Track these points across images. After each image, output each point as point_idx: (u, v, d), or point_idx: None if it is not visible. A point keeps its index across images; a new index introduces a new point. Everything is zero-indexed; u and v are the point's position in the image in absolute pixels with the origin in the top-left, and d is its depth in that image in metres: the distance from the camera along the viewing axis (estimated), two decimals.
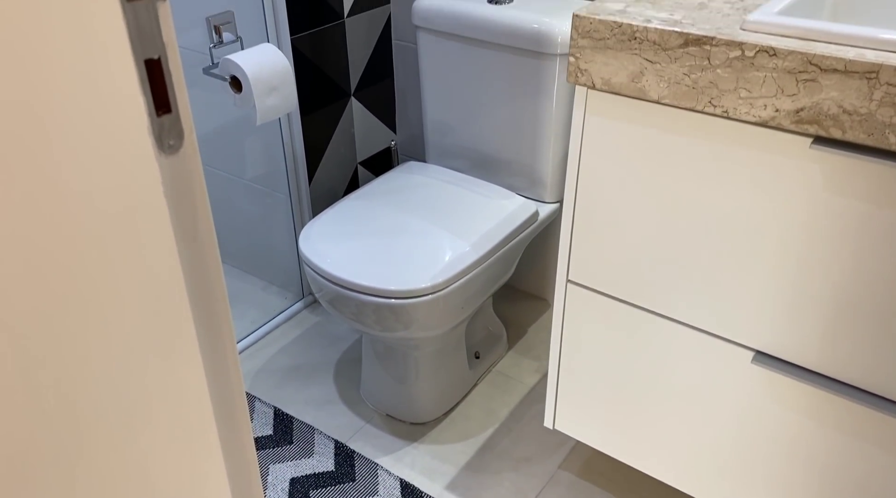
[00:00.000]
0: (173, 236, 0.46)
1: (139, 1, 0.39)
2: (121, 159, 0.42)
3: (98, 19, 0.38)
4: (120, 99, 0.40)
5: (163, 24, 0.40)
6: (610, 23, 0.92)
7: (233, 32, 1.38)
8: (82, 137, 0.40)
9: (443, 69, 1.49)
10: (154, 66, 0.41)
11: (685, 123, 0.93)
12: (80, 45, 0.38)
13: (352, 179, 1.81)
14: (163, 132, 0.43)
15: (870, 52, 0.77)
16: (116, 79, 0.40)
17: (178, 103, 0.43)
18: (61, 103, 0.38)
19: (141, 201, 0.43)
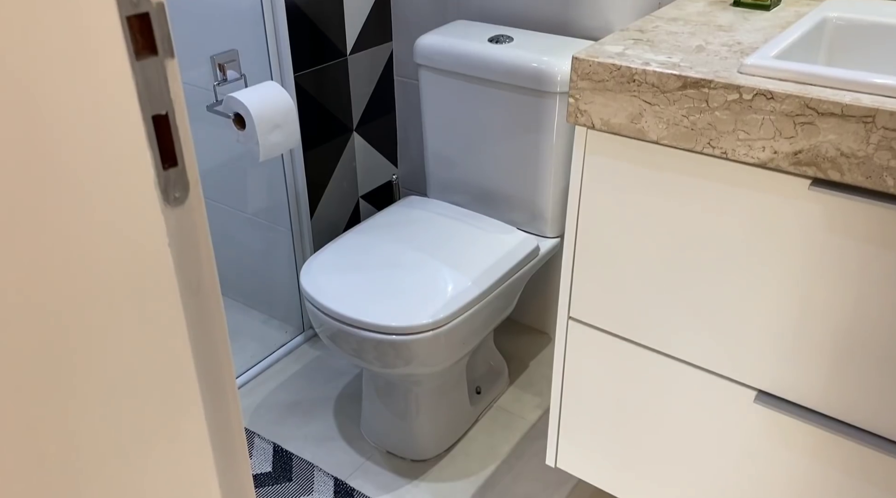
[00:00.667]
0: (177, 286, 0.46)
1: (148, 59, 0.40)
2: (126, 211, 0.42)
3: (108, 77, 0.39)
4: (127, 154, 0.41)
5: (171, 81, 0.41)
6: (609, 65, 0.93)
7: (237, 70, 1.40)
8: (89, 191, 0.40)
9: (444, 106, 1.50)
10: (161, 121, 0.42)
11: (685, 164, 0.93)
12: (90, 102, 0.38)
13: (353, 213, 1.82)
14: (168, 185, 0.43)
15: (866, 96, 0.78)
16: (124, 135, 0.40)
17: (184, 157, 0.43)
18: (69, 157, 0.39)
19: (146, 252, 0.44)
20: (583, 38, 1.45)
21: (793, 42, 0.93)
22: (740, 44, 0.97)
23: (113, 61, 0.38)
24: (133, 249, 0.43)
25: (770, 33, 1.00)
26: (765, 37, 0.99)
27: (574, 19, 1.45)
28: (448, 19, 1.62)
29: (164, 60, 0.40)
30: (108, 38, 0.38)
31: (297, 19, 1.47)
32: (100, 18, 0.37)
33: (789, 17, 1.07)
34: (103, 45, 0.38)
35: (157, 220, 0.43)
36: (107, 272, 0.43)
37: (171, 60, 0.41)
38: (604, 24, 1.41)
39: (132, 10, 0.38)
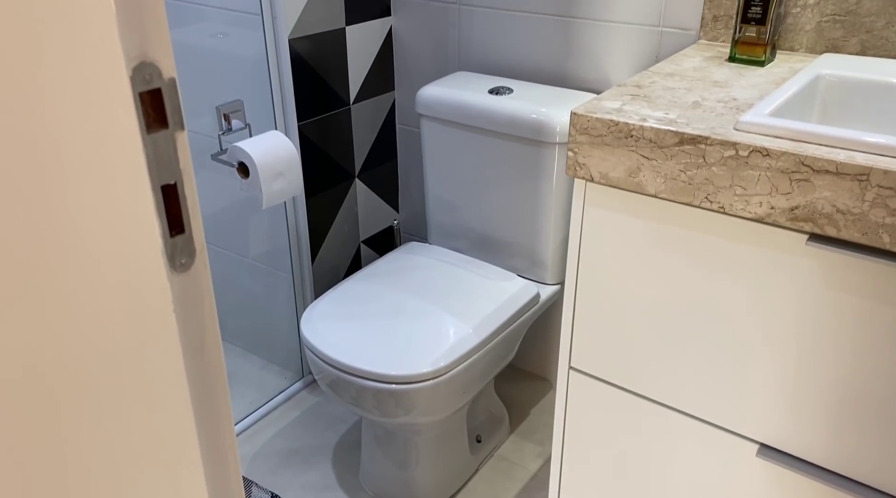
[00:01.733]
0: (180, 349, 0.47)
1: (159, 132, 0.41)
2: (133, 278, 0.43)
3: (119, 150, 0.40)
4: (136, 222, 0.42)
5: (180, 152, 0.42)
6: (607, 121, 0.95)
7: (242, 120, 1.43)
8: (96, 258, 0.41)
9: (445, 154, 1.53)
10: (170, 190, 0.43)
11: (683, 217, 0.94)
12: (101, 174, 0.39)
13: (354, 257, 1.83)
14: (175, 252, 0.44)
15: (859, 154, 0.80)
16: (133, 204, 0.41)
17: (191, 224, 0.44)
18: (79, 225, 0.39)
19: (151, 317, 0.44)
20: (581, 89, 1.48)
21: (787, 99, 0.95)
22: (736, 100, 0.99)
23: (124, 135, 0.40)
24: (138, 314, 0.44)
25: (765, 90, 1.02)
26: (760, 93, 1.01)
27: (572, 72, 1.48)
28: (449, 70, 1.65)
29: (174, 133, 0.42)
30: (120, 114, 0.39)
31: (301, 70, 1.50)
32: (113, 94, 0.38)
33: (783, 73, 1.09)
34: (116, 120, 0.39)
35: (164, 287, 0.44)
36: (111, 336, 0.43)
37: (181, 132, 0.42)
38: (602, 77, 1.44)
39: (145, 86, 0.39)
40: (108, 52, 0.37)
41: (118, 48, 0.37)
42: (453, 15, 1.59)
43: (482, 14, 1.55)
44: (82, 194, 0.39)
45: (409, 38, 1.68)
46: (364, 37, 1.63)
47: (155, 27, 0.39)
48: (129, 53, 0.38)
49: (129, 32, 0.37)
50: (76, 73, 0.37)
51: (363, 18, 1.61)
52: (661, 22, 1.33)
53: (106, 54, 0.37)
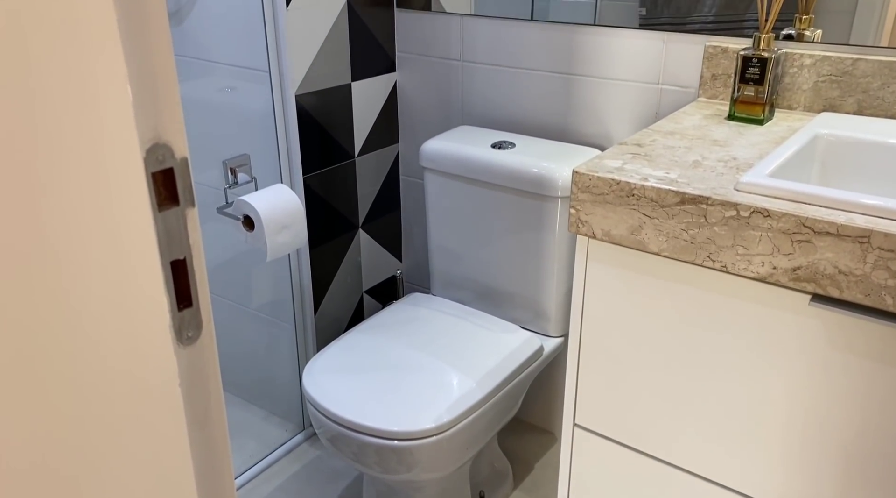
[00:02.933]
0: (185, 423, 0.47)
1: (170, 210, 0.42)
2: (140, 352, 0.43)
3: (131, 227, 0.40)
4: (145, 297, 0.42)
5: (190, 228, 0.43)
6: (609, 180, 0.96)
7: (248, 173, 1.45)
8: (104, 332, 0.41)
9: (448, 206, 1.54)
10: (179, 265, 0.43)
11: (686, 275, 0.95)
12: (112, 250, 0.40)
13: (357, 308, 1.83)
14: (182, 325, 0.44)
15: (859, 217, 0.81)
16: (143, 280, 0.42)
17: (199, 297, 0.45)
18: (88, 301, 0.40)
19: (156, 391, 0.44)
20: (583, 144, 1.50)
21: (787, 159, 0.96)
22: (736, 159, 1.00)
23: (136, 213, 0.40)
24: (144, 388, 0.44)
25: (764, 149, 1.04)
26: (759, 152, 1.02)
27: (574, 127, 1.50)
28: (452, 124, 1.68)
29: (184, 210, 0.42)
30: (133, 193, 0.40)
31: (307, 124, 1.53)
32: (127, 175, 0.39)
33: (782, 132, 1.11)
34: (128, 199, 0.40)
35: (170, 361, 0.44)
36: (115, 409, 0.43)
37: (192, 209, 0.43)
38: (603, 132, 1.47)
39: (157, 166, 0.40)
40: (124, 135, 0.38)
41: (133, 132, 0.38)
42: (456, 71, 1.62)
43: (484, 70, 1.58)
44: (93, 270, 0.40)
45: (413, 93, 1.71)
46: (369, 92, 1.66)
47: (169, 110, 0.40)
48: (143, 136, 0.39)
49: (144, 116, 0.39)
50: (92, 155, 0.38)
51: (369, 74, 1.65)
52: (660, 79, 1.35)
53: (121, 138, 0.38)
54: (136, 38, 0.37)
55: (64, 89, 0.35)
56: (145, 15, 0.37)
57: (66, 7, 0.34)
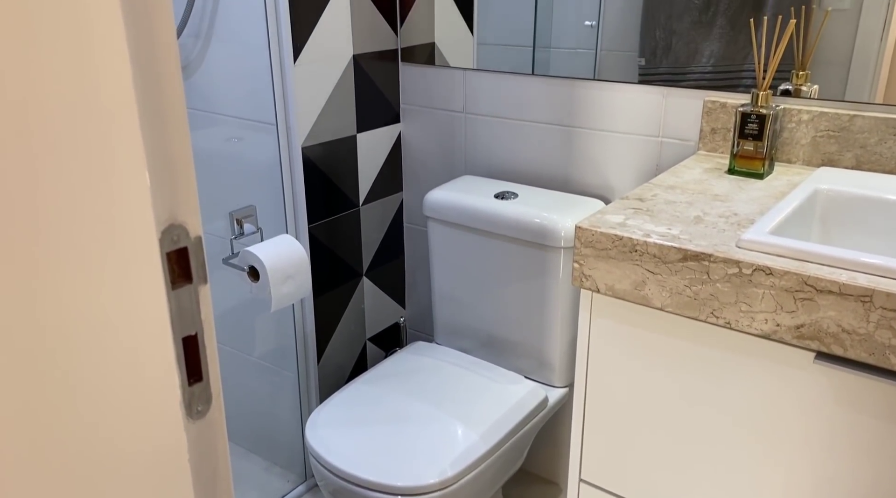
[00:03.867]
0: (192, 493, 0.47)
1: (183, 287, 0.43)
2: (149, 428, 0.43)
3: (144, 307, 0.41)
4: (155, 374, 0.43)
5: (202, 304, 0.44)
6: (611, 235, 0.97)
7: (254, 224, 1.46)
8: (115, 408, 0.42)
9: (452, 255, 1.55)
10: (190, 340, 0.44)
11: (690, 331, 0.95)
12: (125, 329, 0.41)
13: (360, 355, 1.82)
14: (192, 400, 0.45)
15: (861, 275, 0.81)
16: (154, 357, 0.42)
17: (209, 371, 0.45)
18: (100, 378, 0.40)
19: (165, 466, 0.44)
20: (585, 195, 1.52)
21: (787, 215, 0.97)
22: (737, 215, 1.01)
23: (150, 293, 0.41)
24: (153, 461, 0.44)
25: (765, 204, 1.05)
26: (760, 208, 1.04)
27: (576, 177, 1.52)
28: (456, 174, 1.70)
29: (197, 286, 0.43)
30: (147, 273, 0.41)
31: (313, 174, 1.55)
32: (141, 257, 0.40)
33: (782, 186, 1.12)
34: (142, 279, 0.41)
35: (179, 436, 0.44)
36: (125, 481, 0.43)
37: (204, 285, 0.44)
38: (604, 183, 1.49)
39: (172, 246, 0.41)
40: (141, 219, 0.39)
41: (150, 215, 0.39)
42: (460, 122, 1.65)
43: (487, 122, 1.61)
44: (106, 347, 0.40)
45: (417, 143, 1.74)
46: (374, 142, 1.69)
47: (185, 192, 0.41)
48: (159, 217, 0.40)
49: (160, 199, 0.40)
50: (109, 237, 0.39)
51: (374, 125, 1.68)
52: (660, 133, 1.38)
53: (139, 221, 0.39)
54: (156, 128, 0.38)
55: (85, 176, 0.37)
56: (164, 106, 0.39)
57: (89, 98, 0.36)
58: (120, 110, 0.37)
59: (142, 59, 0.37)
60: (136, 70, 0.37)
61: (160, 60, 0.38)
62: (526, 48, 1.52)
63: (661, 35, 1.36)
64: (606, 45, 1.42)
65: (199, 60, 1.59)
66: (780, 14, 1.20)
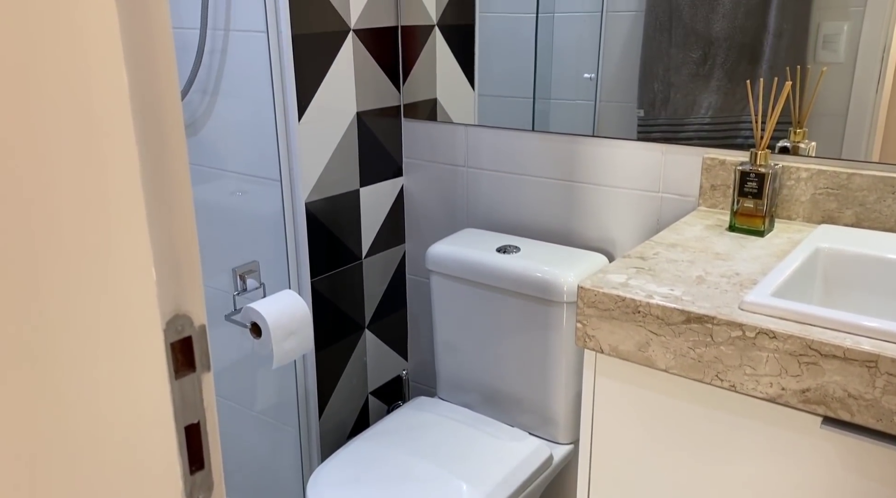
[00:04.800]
0: None
1: (186, 376, 0.43)
2: None
3: (146, 397, 0.41)
4: (157, 464, 0.42)
5: (205, 393, 0.44)
6: (614, 296, 0.97)
7: (257, 279, 1.47)
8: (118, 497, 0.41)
9: (455, 309, 1.55)
10: (193, 429, 0.44)
11: (695, 393, 0.94)
12: (127, 418, 0.41)
13: (362, 410, 1.80)
14: (194, 488, 0.44)
15: (865, 340, 0.81)
16: (157, 447, 0.42)
17: (211, 459, 0.45)
18: (102, 468, 0.40)
19: None
20: (587, 248, 1.52)
21: (789, 276, 0.97)
22: (739, 275, 1.02)
23: (153, 382, 0.41)
24: None
25: (766, 263, 1.05)
26: (762, 267, 1.04)
27: (577, 231, 1.53)
28: (458, 226, 1.71)
29: (200, 375, 0.43)
30: (151, 363, 0.41)
31: (316, 229, 1.56)
32: (145, 348, 0.40)
33: (783, 244, 1.13)
34: (145, 370, 0.41)
35: None
36: None
37: (207, 373, 0.44)
38: (606, 236, 1.49)
39: (176, 336, 0.41)
40: (146, 313, 0.39)
41: (155, 308, 0.40)
42: (461, 176, 1.67)
43: (489, 176, 1.62)
44: (108, 437, 0.40)
45: (419, 196, 1.75)
46: (377, 196, 1.71)
47: (190, 282, 0.41)
48: (164, 309, 0.40)
49: (166, 292, 0.40)
50: (113, 330, 0.39)
51: (377, 179, 1.70)
52: (660, 188, 1.39)
53: (143, 316, 0.39)
54: (162, 220, 0.39)
55: (90, 270, 0.37)
56: (172, 198, 0.39)
57: (96, 192, 0.37)
58: (127, 205, 0.37)
59: (150, 154, 0.38)
60: (144, 166, 0.37)
61: (169, 155, 0.38)
62: (526, 99, 1.55)
63: (660, 87, 1.39)
64: (605, 97, 1.45)
65: (206, 117, 1.61)
66: (776, 67, 1.23)
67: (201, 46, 1.51)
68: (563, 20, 1.48)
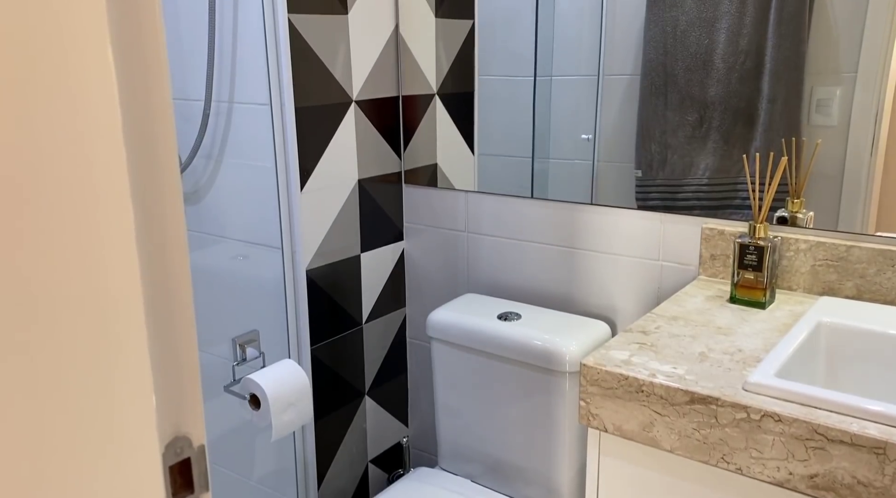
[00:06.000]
0: None
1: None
2: None
3: None
4: None
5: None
6: (617, 374, 0.96)
7: (257, 349, 1.46)
8: None
9: (456, 376, 1.53)
10: None
11: (701, 476, 0.93)
12: None
13: (362, 479, 1.77)
14: None
15: (872, 425, 0.80)
16: None
17: None
18: None
19: None
20: (588, 315, 1.52)
21: (792, 353, 0.97)
22: (741, 351, 1.01)
23: None
24: None
25: (769, 338, 1.05)
26: (764, 343, 1.03)
27: (578, 297, 1.53)
28: (458, 290, 1.71)
29: (199, 495, 0.43)
30: (149, 487, 0.40)
31: (316, 295, 1.56)
32: (144, 471, 0.40)
33: (784, 317, 1.13)
34: (143, 493, 0.40)
35: None
36: None
37: (206, 494, 0.43)
38: (607, 303, 1.49)
39: (175, 459, 0.41)
40: (144, 439, 0.39)
41: (154, 434, 0.39)
42: (462, 241, 1.68)
43: (489, 241, 1.63)
44: None
45: (420, 261, 1.76)
46: (378, 261, 1.71)
47: (191, 403, 0.41)
48: (163, 433, 0.40)
49: (165, 414, 0.40)
50: (110, 456, 0.38)
51: (377, 244, 1.70)
52: (660, 256, 1.39)
53: (142, 442, 0.39)
54: (165, 344, 0.39)
55: (89, 396, 0.37)
56: (175, 324, 0.39)
57: (98, 312, 0.37)
58: (128, 335, 0.37)
59: (154, 291, 0.38)
60: (147, 296, 0.38)
61: (173, 284, 0.39)
62: (525, 159, 1.57)
63: (657, 149, 1.40)
64: (603, 157, 1.47)
65: (209, 184, 1.63)
66: (772, 131, 1.24)
67: (205, 118, 1.53)
68: (561, 83, 1.51)
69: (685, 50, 1.32)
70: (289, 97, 1.42)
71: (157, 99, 0.38)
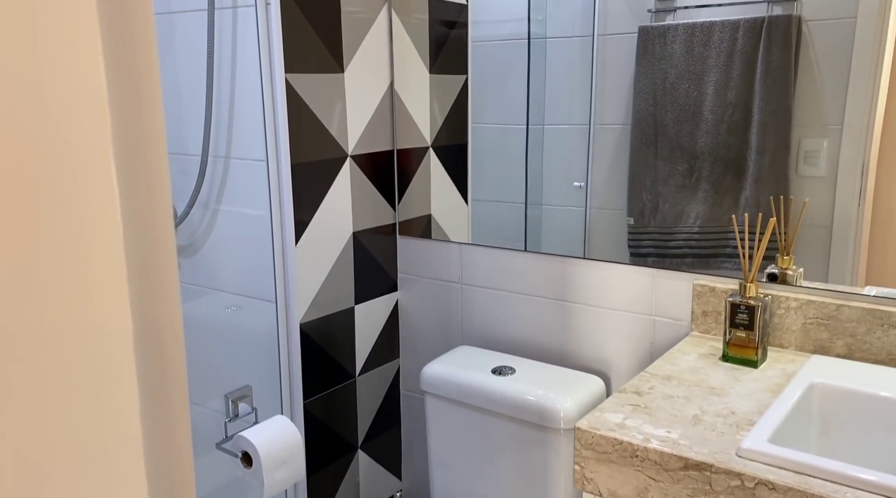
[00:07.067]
0: None
1: None
2: None
3: None
4: None
5: None
6: (611, 439, 0.96)
7: (249, 404, 1.45)
8: None
9: (450, 431, 1.52)
10: None
11: None
12: None
13: None
14: None
15: (866, 495, 0.80)
16: None
17: None
18: None
19: None
20: (582, 369, 1.52)
21: (785, 417, 0.97)
22: (734, 414, 1.01)
23: None
24: None
25: (762, 400, 1.05)
26: (757, 404, 1.04)
27: (572, 351, 1.53)
28: (453, 342, 1.71)
29: None
30: None
31: (310, 348, 1.56)
32: None
33: (777, 377, 1.13)
34: None
35: None
36: None
37: None
38: (601, 357, 1.49)
39: None
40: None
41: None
42: (456, 293, 1.69)
43: (483, 293, 1.64)
44: None
45: (414, 312, 1.76)
46: (372, 312, 1.71)
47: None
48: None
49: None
50: None
51: (371, 296, 1.71)
52: (652, 311, 1.40)
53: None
54: (160, 453, 0.39)
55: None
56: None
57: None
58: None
59: (150, 390, 0.38)
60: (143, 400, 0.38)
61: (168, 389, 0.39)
62: (518, 205, 1.59)
63: (648, 197, 1.42)
64: (596, 204, 1.48)
65: (205, 236, 1.64)
66: (761, 180, 1.26)
67: (202, 171, 1.55)
68: (553, 132, 1.54)
69: (674, 102, 1.35)
70: (285, 153, 1.44)
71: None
